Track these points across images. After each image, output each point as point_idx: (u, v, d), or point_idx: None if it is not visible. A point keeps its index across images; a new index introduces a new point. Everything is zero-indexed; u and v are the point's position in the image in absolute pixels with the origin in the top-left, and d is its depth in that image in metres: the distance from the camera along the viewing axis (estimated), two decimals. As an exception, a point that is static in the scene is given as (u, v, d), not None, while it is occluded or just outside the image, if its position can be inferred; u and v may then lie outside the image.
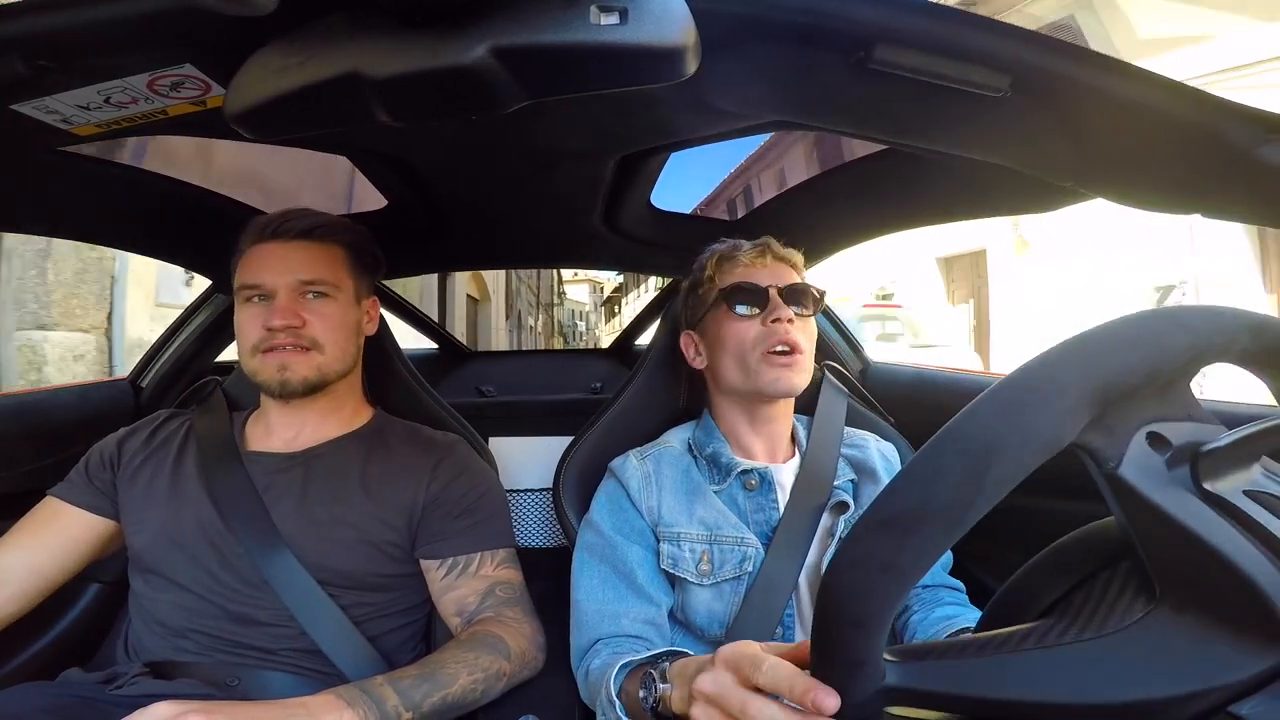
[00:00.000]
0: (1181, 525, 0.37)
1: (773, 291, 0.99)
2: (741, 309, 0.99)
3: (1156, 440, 0.40)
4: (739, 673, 0.51)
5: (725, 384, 1.03)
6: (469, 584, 1.02)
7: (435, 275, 7.67)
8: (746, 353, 0.98)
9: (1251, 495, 0.38)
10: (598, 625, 0.94)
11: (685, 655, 0.73)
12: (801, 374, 0.98)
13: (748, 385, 0.99)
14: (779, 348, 0.96)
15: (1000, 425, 0.36)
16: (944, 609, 0.97)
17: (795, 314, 0.98)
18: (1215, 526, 0.37)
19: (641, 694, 0.71)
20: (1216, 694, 0.36)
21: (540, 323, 22.99)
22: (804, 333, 0.99)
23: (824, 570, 0.54)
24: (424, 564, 1.04)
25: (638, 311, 2.25)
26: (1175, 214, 0.71)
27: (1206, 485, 0.38)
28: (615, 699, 0.75)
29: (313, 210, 1.08)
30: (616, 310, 36.74)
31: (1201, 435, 0.40)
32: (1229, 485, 0.38)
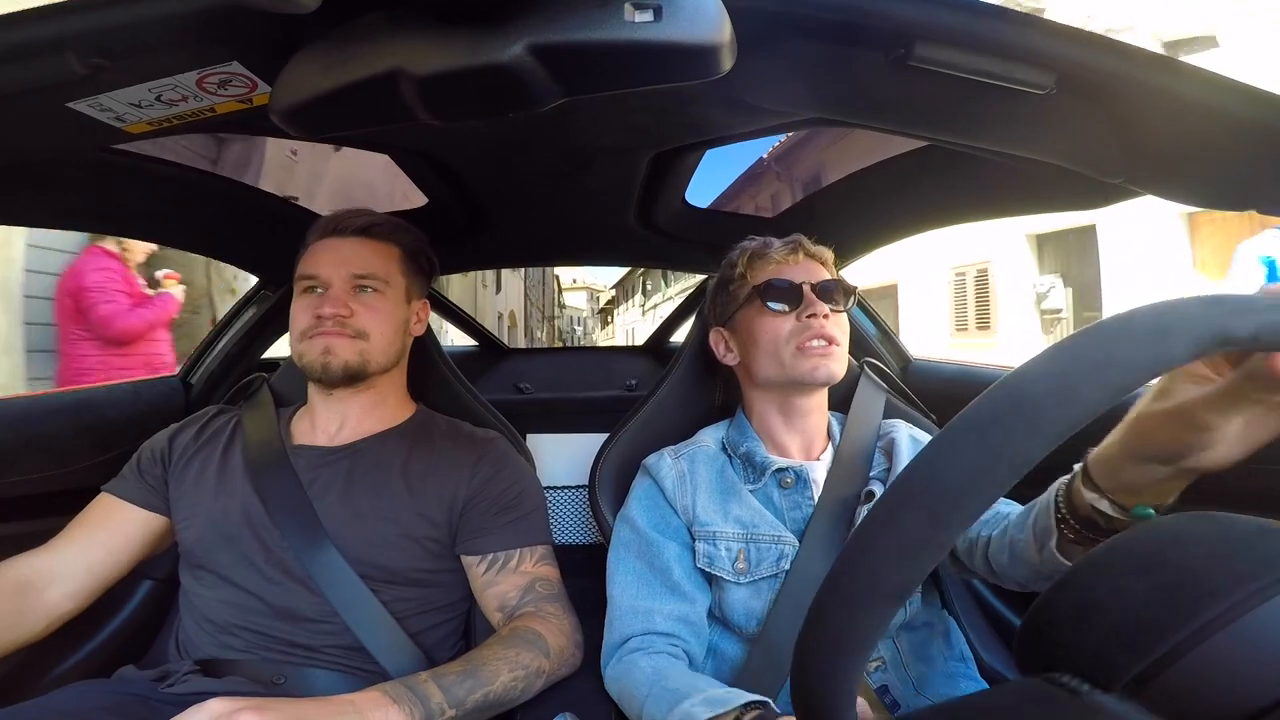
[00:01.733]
0: None
1: (806, 288, 0.98)
2: (775, 305, 0.99)
3: None
4: None
5: (760, 378, 1.03)
6: (510, 579, 1.02)
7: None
8: (780, 347, 0.98)
9: None
10: (630, 622, 0.94)
11: (767, 707, 0.73)
12: (838, 363, 0.97)
13: (784, 376, 0.99)
14: (815, 342, 0.96)
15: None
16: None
17: (830, 310, 0.98)
18: None
19: None
20: None
21: (545, 332, 25.87)
22: (838, 327, 0.99)
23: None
24: (465, 559, 1.05)
25: (627, 322, 2.25)
26: (1228, 210, 0.69)
27: None
28: None
29: (373, 210, 1.11)
30: (610, 320, 38.68)
31: None
32: None
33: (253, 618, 0.96)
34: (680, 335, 1.98)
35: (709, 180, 1.40)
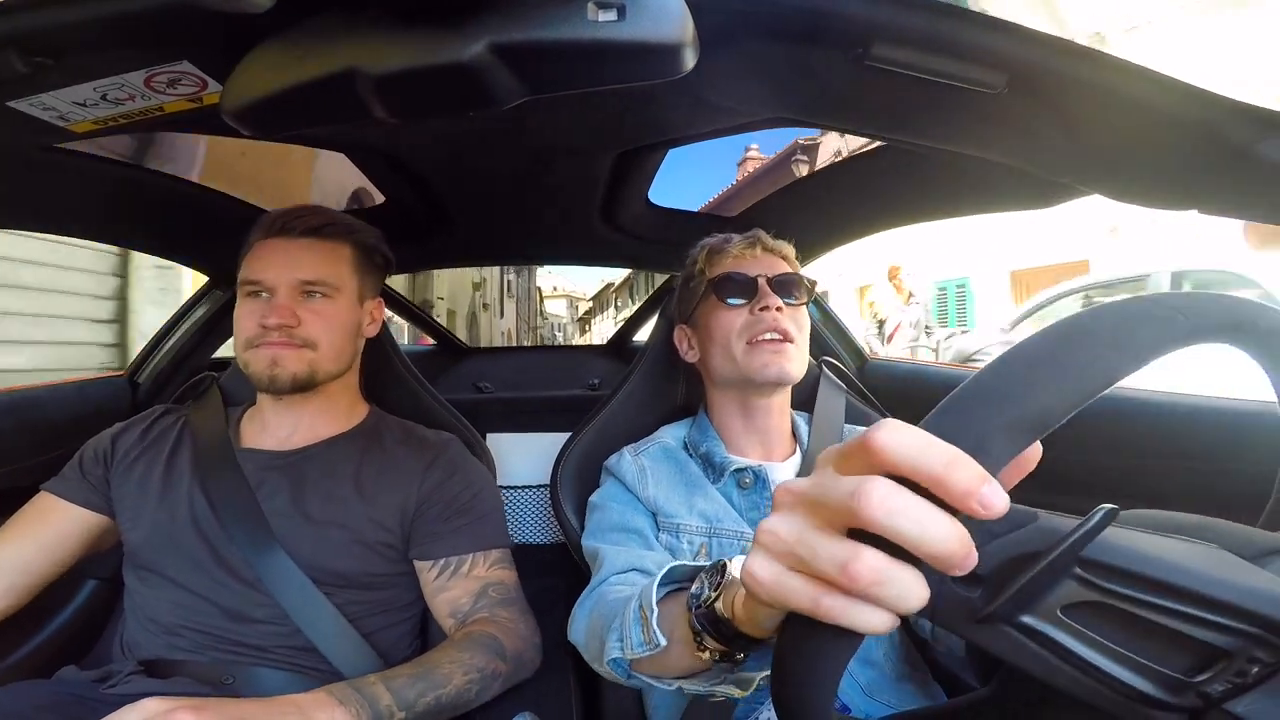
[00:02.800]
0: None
1: (761, 281, 0.99)
2: (730, 299, 0.99)
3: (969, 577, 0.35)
4: (814, 506, 0.34)
5: (717, 375, 1.03)
6: (462, 584, 1.02)
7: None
8: (733, 340, 0.98)
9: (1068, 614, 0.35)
10: (615, 561, 0.89)
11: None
12: (792, 362, 0.97)
13: (737, 373, 0.99)
14: (767, 335, 0.96)
15: None
16: None
17: (785, 303, 0.98)
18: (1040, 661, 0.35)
19: (695, 587, 0.55)
20: None
21: (530, 340, 28.07)
22: (794, 321, 0.98)
23: None
24: (417, 564, 1.04)
25: (602, 330, 2.26)
26: (1173, 210, 0.71)
27: (1023, 618, 0.35)
28: (654, 606, 0.62)
29: (323, 208, 1.06)
30: (588, 328, 40.95)
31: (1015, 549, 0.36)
32: (1047, 608, 0.35)
33: (200, 618, 0.95)
34: (644, 335, 1.98)
35: (674, 181, 1.40)
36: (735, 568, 0.52)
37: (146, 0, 0.51)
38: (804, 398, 1.15)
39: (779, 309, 0.97)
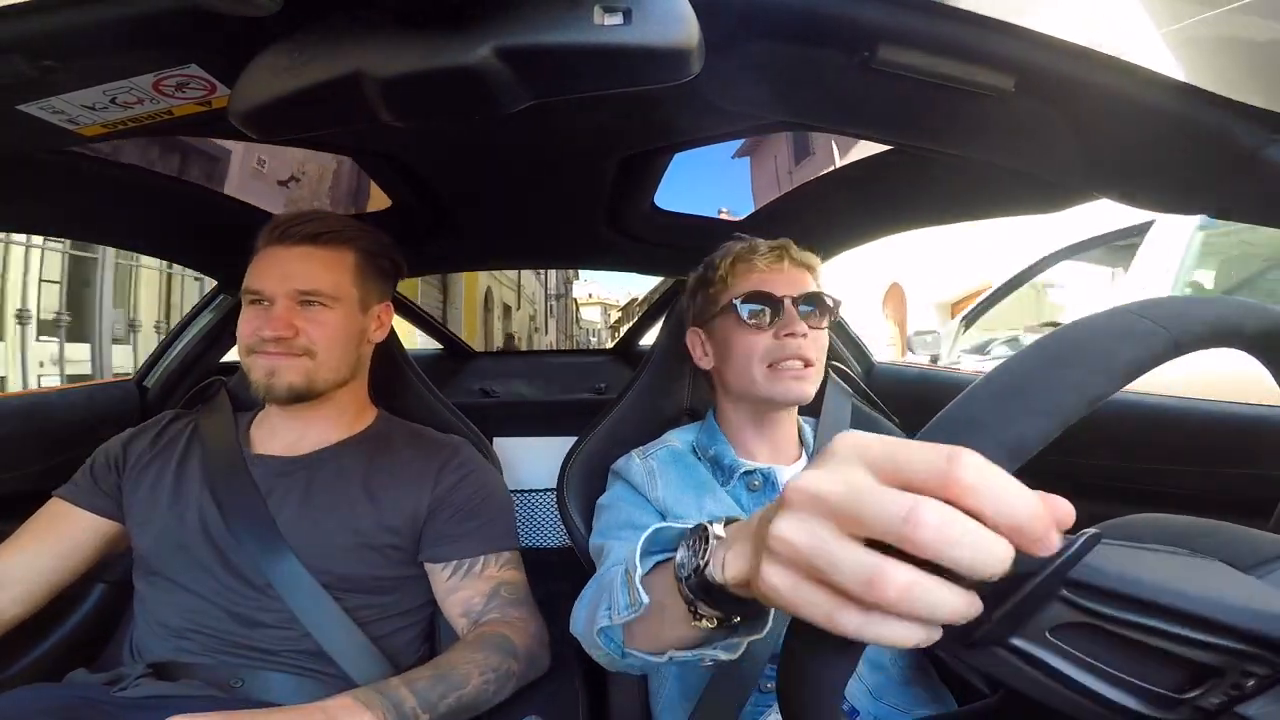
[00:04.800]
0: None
1: (788, 303, 0.96)
2: (754, 319, 0.97)
3: None
4: (842, 516, 0.32)
5: (732, 389, 1.02)
6: (474, 585, 1.01)
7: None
8: (754, 364, 0.96)
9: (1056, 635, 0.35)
10: (619, 554, 0.86)
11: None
12: (811, 384, 0.96)
13: (755, 393, 0.98)
14: (789, 363, 0.95)
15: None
16: None
17: (811, 327, 0.96)
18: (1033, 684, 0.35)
19: (680, 555, 0.52)
20: None
21: (566, 346, 30.29)
22: (815, 345, 0.97)
23: None
24: (428, 567, 1.04)
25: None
26: (1183, 214, 0.71)
27: (1013, 640, 0.35)
28: (637, 565, 0.60)
29: (326, 213, 1.05)
30: (618, 332, 41.86)
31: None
32: (1035, 630, 0.35)
33: (209, 622, 0.95)
34: (649, 339, 1.99)
35: (679, 186, 1.40)
36: (719, 529, 0.49)
37: (153, 3, 0.51)
38: (810, 402, 1.14)
39: (804, 335, 0.95)
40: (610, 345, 2.48)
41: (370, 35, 0.50)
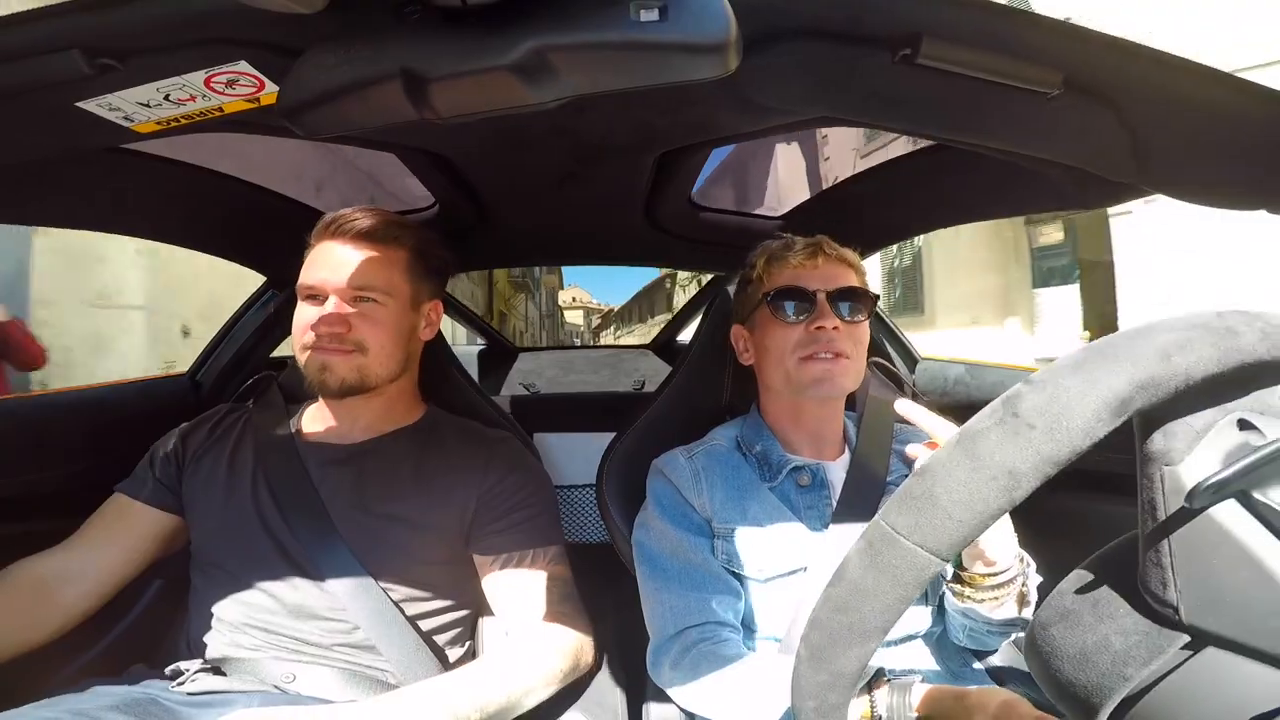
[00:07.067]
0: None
1: (820, 296, 0.95)
2: (786, 314, 0.97)
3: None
4: None
5: (770, 383, 1.02)
6: (521, 579, 1.01)
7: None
8: (786, 357, 0.96)
9: None
10: (684, 615, 0.91)
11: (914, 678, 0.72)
12: (847, 376, 0.95)
13: (788, 386, 0.98)
14: (821, 354, 0.94)
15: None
16: None
17: (844, 320, 0.95)
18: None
19: (888, 697, 0.68)
20: None
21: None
22: (852, 339, 0.96)
23: None
24: (477, 559, 1.04)
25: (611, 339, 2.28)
26: (1240, 210, 0.68)
27: (1256, 495, 0.34)
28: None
29: (379, 209, 1.06)
30: (599, 336, 47.12)
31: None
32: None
33: (264, 615, 0.96)
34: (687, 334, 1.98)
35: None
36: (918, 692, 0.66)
37: (205, 1, 0.53)
38: (854, 399, 1.13)
39: (835, 328, 0.94)
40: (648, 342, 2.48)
41: (414, 33, 0.51)
